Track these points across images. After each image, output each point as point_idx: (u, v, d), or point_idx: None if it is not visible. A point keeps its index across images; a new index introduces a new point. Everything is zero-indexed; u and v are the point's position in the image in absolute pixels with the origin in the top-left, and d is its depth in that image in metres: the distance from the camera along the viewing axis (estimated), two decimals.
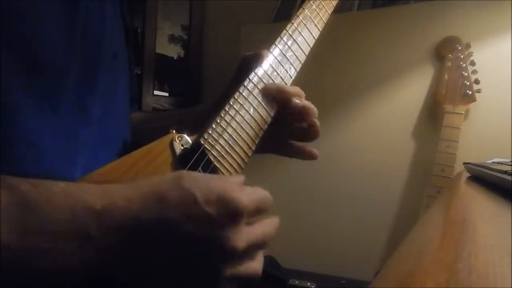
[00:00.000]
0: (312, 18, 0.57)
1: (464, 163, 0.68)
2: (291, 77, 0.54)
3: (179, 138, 0.44)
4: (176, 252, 0.33)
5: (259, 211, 0.37)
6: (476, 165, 0.60)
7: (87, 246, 0.31)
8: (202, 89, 1.73)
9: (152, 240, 0.33)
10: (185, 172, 0.37)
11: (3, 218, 0.30)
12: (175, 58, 1.76)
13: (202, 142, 0.45)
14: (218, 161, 0.45)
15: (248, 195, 0.36)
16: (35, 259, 0.30)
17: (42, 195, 0.31)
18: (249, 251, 0.36)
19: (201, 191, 0.34)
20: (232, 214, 0.34)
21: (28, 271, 0.30)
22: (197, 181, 0.35)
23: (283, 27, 0.54)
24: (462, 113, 1.06)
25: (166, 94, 1.74)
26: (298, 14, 0.56)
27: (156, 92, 1.69)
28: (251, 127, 0.49)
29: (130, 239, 0.32)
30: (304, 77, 0.56)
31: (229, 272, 0.35)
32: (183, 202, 0.33)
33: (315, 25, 0.57)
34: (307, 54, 0.56)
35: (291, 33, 0.54)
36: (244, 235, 0.35)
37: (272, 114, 0.51)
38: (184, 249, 0.33)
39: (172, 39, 1.74)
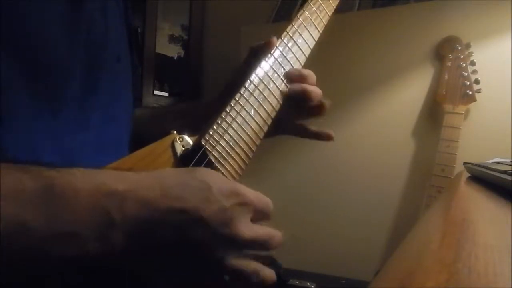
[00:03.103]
0: (312, 20, 0.57)
1: (464, 163, 0.68)
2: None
3: (180, 139, 0.44)
4: (190, 237, 0.35)
5: (262, 213, 0.40)
6: (476, 165, 0.60)
7: (109, 231, 0.32)
8: (202, 89, 1.73)
9: (170, 226, 0.34)
10: (197, 167, 0.40)
11: (30, 203, 0.30)
12: (175, 58, 1.75)
13: (203, 143, 0.45)
14: (219, 162, 0.45)
15: (254, 192, 0.39)
16: (60, 243, 0.31)
17: (65, 180, 0.32)
18: (254, 245, 0.38)
19: (215, 182, 0.36)
20: (241, 204, 0.36)
21: (54, 256, 0.31)
22: (210, 174, 0.38)
23: (284, 28, 0.54)
24: (462, 113, 1.06)
25: (166, 94, 1.74)
26: (298, 15, 0.56)
27: (156, 92, 1.69)
28: (252, 128, 0.49)
29: (150, 226, 0.33)
30: None
31: (232, 262, 0.36)
32: (200, 190, 0.35)
33: (315, 27, 0.57)
34: (307, 55, 0.56)
35: (291, 35, 0.54)
36: (250, 226, 0.37)
37: (272, 116, 0.52)
38: (197, 234, 0.35)
39: (172, 39, 1.74)
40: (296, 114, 0.58)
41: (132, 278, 0.37)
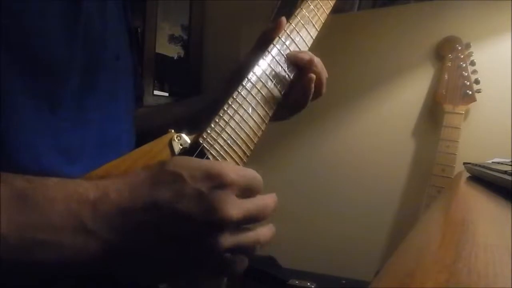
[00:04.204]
0: (310, 18, 0.57)
1: (464, 163, 0.68)
2: (290, 77, 0.54)
3: (178, 138, 0.44)
4: (172, 232, 0.33)
5: (249, 189, 0.37)
6: (476, 165, 0.60)
7: (84, 238, 0.31)
8: (202, 89, 1.73)
9: (148, 225, 0.33)
10: (167, 159, 0.38)
11: (1, 211, 0.30)
12: (175, 58, 1.75)
13: (201, 142, 0.44)
14: (217, 160, 0.45)
15: (234, 169, 0.36)
16: (34, 252, 0.30)
17: (37, 190, 0.32)
18: (246, 221, 0.36)
19: (186, 170, 0.34)
20: (221, 186, 0.34)
21: (28, 265, 0.31)
22: (180, 163, 0.36)
23: None
24: (462, 113, 1.05)
25: (166, 94, 1.73)
26: (296, 13, 0.56)
27: (156, 92, 1.69)
28: (250, 126, 0.49)
29: (126, 229, 0.32)
30: None
31: (229, 242, 0.35)
32: (171, 182, 0.34)
33: (313, 24, 0.57)
34: None
35: (289, 33, 0.54)
36: (238, 205, 0.35)
37: (270, 114, 0.52)
38: (180, 228, 0.33)
39: (172, 39, 1.74)
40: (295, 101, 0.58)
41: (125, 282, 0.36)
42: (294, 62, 0.54)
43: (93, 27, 0.48)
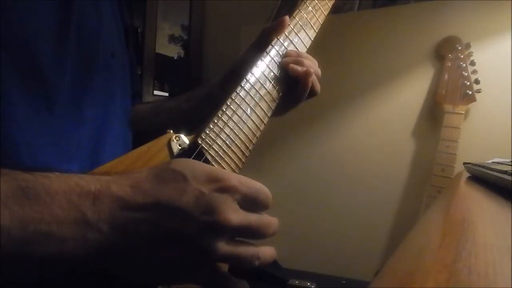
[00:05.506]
0: (308, 19, 0.57)
1: (464, 163, 0.68)
2: (287, 78, 0.54)
3: (177, 138, 0.44)
4: (170, 230, 0.33)
5: (254, 201, 0.37)
6: (476, 165, 0.60)
7: (84, 230, 0.31)
8: None
9: (146, 222, 0.33)
10: (173, 159, 0.38)
11: (3, 205, 0.30)
12: (175, 58, 1.75)
13: (200, 142, 0.44)
14: (216, 161, 0.45)
15: (238, 177, 0.36)
16: (36, 244, 0.30)
17: (39, 182, 0.32)
18: (245, 231, 0.36)
19: (190, 171, 0.35)
20: (222, 189, 0.34)
21: (30, 258, 0.31)
22: (185, 164, 0.36)
23: None
24: (462, 113, 1.05)
25: (166, 94, 1.73)
26: (294, 15, 0.56)
27: (156, 92, 1.69)
28: (249, 127, 0.49)
29: (125, 223, 0.32)
30: None
31: (226, 249, 0.35)
32: (174, 181, 0.34)
33: (311, 26, 0.57)
34: None
35: (287, 34, 0.55)
36: (238, 212, 0.35)
37: (269, 114, 0.52)
38: (177, 226, 0.33)
39: (172, 39, 1.74)
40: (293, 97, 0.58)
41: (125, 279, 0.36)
42: (292, 74, 0.54)
43: (86, 24, 0.49)
